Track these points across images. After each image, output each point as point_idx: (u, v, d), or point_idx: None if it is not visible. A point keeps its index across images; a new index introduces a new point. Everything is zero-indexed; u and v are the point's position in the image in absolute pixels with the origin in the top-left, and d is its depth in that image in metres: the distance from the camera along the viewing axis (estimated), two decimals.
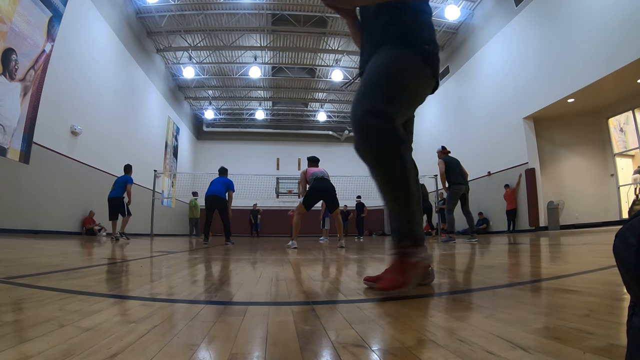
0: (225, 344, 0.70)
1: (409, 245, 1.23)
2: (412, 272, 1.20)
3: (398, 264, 1.23)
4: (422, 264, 1.25)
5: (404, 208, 1.25)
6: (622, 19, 6.80)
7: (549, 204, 9.27)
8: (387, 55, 1.29)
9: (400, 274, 1.20)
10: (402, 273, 1.20)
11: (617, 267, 0.45)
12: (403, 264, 1.22)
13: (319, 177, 5.61)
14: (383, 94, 1.26)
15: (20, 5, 6.43)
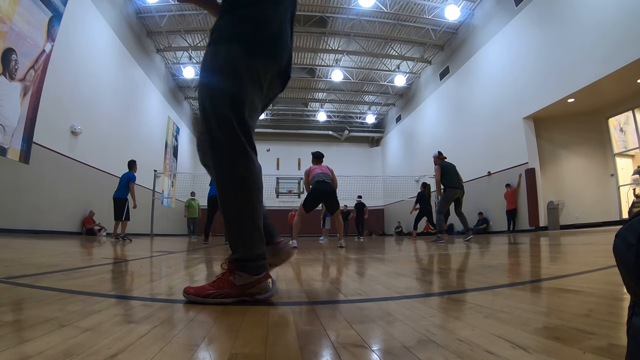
0: (225, 344, 0.70)
1: (236, 263, 1.14)
2: (226, 292, 1.10)
3: (219, 277, 1.15)
4: (244, 290, 1.12)
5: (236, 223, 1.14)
6: (622, 19, 6.80)
7: (549, 204, 9.27)
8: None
9: (213, 286, 1.12)
10: (216, 287, 1.11)
11: (617, 267, 0.45)
12: (223, 279, 1.13)
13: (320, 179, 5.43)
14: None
15: (20, 5, 6.42)
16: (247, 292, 1.11)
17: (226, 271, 1.15)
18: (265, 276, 1.15)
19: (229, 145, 1.11)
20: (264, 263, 1.16)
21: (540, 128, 9.75)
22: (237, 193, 1.12)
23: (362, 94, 18.48)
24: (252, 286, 1.12)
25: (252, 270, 1.12)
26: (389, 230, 19.09)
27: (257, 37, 1.18)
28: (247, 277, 1.11)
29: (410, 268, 2.25)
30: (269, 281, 1.15)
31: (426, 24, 12.56)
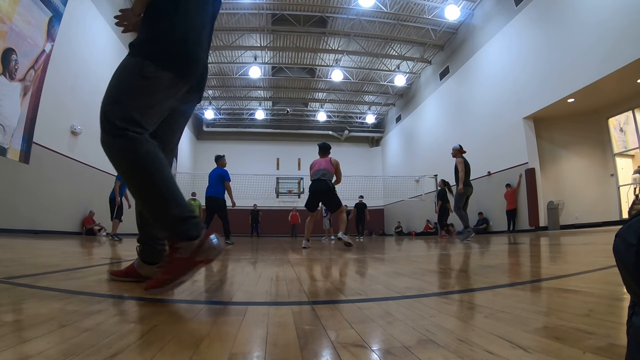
0: (225, 344, 0.70)
1: (172, 238, 1.15)
2: (179, 269, 1.11)
3: (166, 261, 1.16)
4: (194, 258, 1.13)
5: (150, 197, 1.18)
6: (622, 19, 6.80)
7: (549, 204, 9.27)
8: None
9: (166, 272, 1.13)
10: (168, 271, 1.12)
11: (617, 267, 0.45)
12: (170, 261, 1.14)
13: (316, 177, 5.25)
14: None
15: (20, 5, 6.42)
16: (197, 258, 1.12)
17: (170, 252, 1.15)
18: (206, 234, 1.15)
19: (111, 137, 1.18)
20: (197, 221, 1.17)
21: (540, 128, 9.75)
22: (136, 172, 1.17)
23: (362, 94, 18.49)
24: (198, 250, 1.12)
25: (190, 233, 1.13)
26: (389, 230, 19.09)
27: (169, 57, 1.27)
28: (189, 245, 1.12)
29: (410, 268, 2.25)
30: (211, 238, 1.15)
31: (426, 24, 12.56)
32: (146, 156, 1.17)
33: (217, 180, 6.56)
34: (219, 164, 6.75)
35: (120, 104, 1.21)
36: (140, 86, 1.23)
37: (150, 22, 1.30)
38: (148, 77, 1.24)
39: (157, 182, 1.17)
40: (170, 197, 1.17)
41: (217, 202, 6.49)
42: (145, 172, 1.17)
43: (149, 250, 1.53)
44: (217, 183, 6.55)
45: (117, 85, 1.25)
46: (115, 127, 1.17)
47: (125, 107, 1.20)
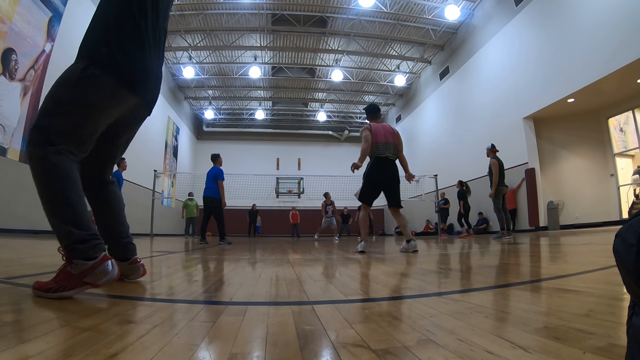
0: (225, 344, 0.70)
1: (65, 252, 1.14)
2: (65, 283, 1.08)
3: (59, 270, 1.14)
4: (82, 278, 1.10)
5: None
6: (622, 19, 6.80)
7: (548, 204, 9.27)
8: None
9: (53, 280, 1.10)
10: (55, 280, 1.10)
11: (617, 267, 0.45)
12: (61, 271, 1.12)
13: (386, 154, 3.87)
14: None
15: (20, 5, 6.42)
16: (86, 279, 1.10)
17: (64, 262, 1.14)
18: (103, 259, 1.14)
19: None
20: (97, 243, 1.16)
21: (540, 128, 9.75)
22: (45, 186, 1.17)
23: (362, 94, 18.48)
24: (89, 272, 1.11)
25: (85, 253, 1.12)
26: (389, 230, 19.10)
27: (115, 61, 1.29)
28: (83, 264, 1.10)
29: (410, 268, 2.25)
30: (107, 264, 1.14)
31: (426, 24, 12.56)
32: (56, 172, 1.16)
33: (213, 180, 6.55)
34: (216, 163, 6.75)
35: (53, 113, 1.19)
36: (77, 94, 1.22)
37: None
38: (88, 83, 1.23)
39: (63, 200, 1.17)
40: (73, 217, 1.16)
41: (213, 203, 6.47)
42: (53, 188, 1.16)
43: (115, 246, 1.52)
44: (213, 183, 6.54)
45: (53, 92, 1.24)
46: (38, 136, 1.16)
47: (57, 117, 1.19)
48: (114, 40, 1.29)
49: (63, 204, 1.17)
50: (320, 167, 19.14)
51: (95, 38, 1.31)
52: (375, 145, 3.88)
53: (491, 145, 7.09)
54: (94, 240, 1.16)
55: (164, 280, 1.75)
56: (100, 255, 1.15)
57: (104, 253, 1.17)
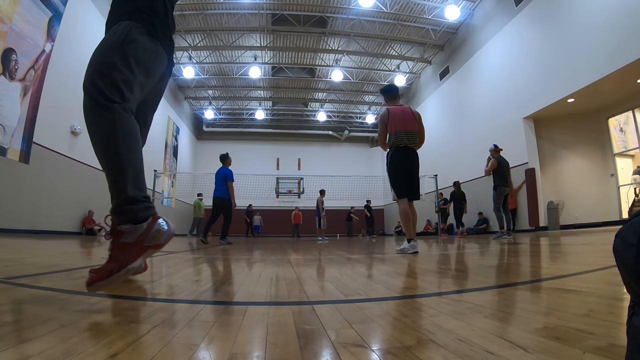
0: (225, 344, 0.70)
1: (116, 220, 1.08)
2: (125, 256, 1.01)
3: (110, 249, 1.06)
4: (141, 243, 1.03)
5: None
6: (622, 19, 6.81)
7: (549, 204, 9.27)
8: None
9: (110, 261, 1.02)
10: (113, 259, 1.02)
11: (617, 267, 0.45)
12: (115, 247, 1.05)
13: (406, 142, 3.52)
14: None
15: (20, 5, 6.43)
16: (146, 243, 1.03)
17: (114, 238, 1.07)
18: (155, 218, 1.09)
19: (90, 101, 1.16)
20: (149, 205, 1.11)
21: (540, 128, 9.76)
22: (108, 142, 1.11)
23: (362, 94, 18.49)
24: (146, 235, 1.04)
25: (136, 215, 1.05)
26: (389, 230, 19.10)
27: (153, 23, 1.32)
28: (136, 228, 1.04)
29: (410, 268, 2.25)
30: (160, 222, 1.08)
31: (426, 24, 12.57)
32: (123, 129, 1.12)
33: (222, 181, 6.54)
34: (225, 163, 6.73)
35: (107, 71, 1.16)
36: (127, 54, 1.20)
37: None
38: (136, 43, 1.22)
39: (125, 158, 1.12)
40: (133, 176, 1.12)
41: (225, 203, 6.48)
42: (117, 144, 1.11)
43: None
44: (222, 184, 6.53)
45: (104, 50, 1.21)
46: (100, 93, 1.12)
47: (112, 74, 1.16)
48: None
49: (125, 163, 1.12)
50: (320, 167, 19.15)
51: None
52: (395, 134, 3.52)
53: (494, 146, 7.05)
54: (146, 202, 1.12)
55: (164, 280, 1.75)
56: (151, 216, 1.09)
57: (154, 213, 1.11)
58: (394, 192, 3.57)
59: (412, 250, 3.36)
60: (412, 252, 3.33)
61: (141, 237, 1.03)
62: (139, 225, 1.04)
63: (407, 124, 3.56)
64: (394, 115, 3.56)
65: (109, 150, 1.11)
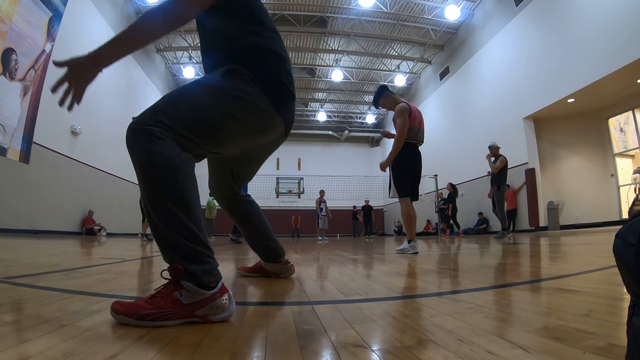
0: (226, 344, 0.70)
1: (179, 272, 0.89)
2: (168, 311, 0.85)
3: (157, 292, 0.89)
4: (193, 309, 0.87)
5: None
6: (622, 19, 6.80)
7: (549, 204, 9.26)
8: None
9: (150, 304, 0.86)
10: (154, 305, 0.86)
11: (617, 267, 0.45)
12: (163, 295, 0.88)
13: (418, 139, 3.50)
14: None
15: (20, 5, 6.43)
16: (197, 312, 0.88)
17: (169, 283, 0.91)
18: (222, 290, 0.93)
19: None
20: (216, 267, 0.96)
21: (540, 128, 9.75)
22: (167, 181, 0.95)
23: (362, 94, 18.49)
24: (204, 304, 0.88)
25: (200, 278, 0.90)
26: (389, 230, 19.10)
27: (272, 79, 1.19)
28: (198, 293, 0.88)
29: (410, 268, 2.25)
30: (224, 297, 0.92)
31: (426, 24, 12.56)
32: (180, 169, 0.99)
33: None
34: None
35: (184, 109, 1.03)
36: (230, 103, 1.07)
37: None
38: (242, 97, 1.08)
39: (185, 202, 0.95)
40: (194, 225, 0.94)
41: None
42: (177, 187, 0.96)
43: (262, 250, 1.66)
44: None
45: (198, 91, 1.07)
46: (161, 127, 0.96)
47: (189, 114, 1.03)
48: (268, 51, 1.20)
49: (186, 206, 0.94)
50: (320, 167, 19.15)
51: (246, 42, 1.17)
52: (410, 130, 3.41)
53: (494, 143, 6.90)
54: (212, 262, 0.95)
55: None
56: (218, 285, 0.93)
57: (222, 282, 0.96)
58: (397, 191, 3.47)
59: (412, 251, 3.33)
60: (412, 253, 3.31)
61: (198, 304, 0.88)
62: (203, 292, 0.89)
63: (420, 122, 3.52)
64: (413, 110, 3.48)
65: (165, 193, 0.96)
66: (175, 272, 0.89)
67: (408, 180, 3.43)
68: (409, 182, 3.43)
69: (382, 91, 3.72)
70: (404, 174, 3.44)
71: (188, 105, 1.04)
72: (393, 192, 3.52)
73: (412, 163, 3.44)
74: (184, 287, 0.89)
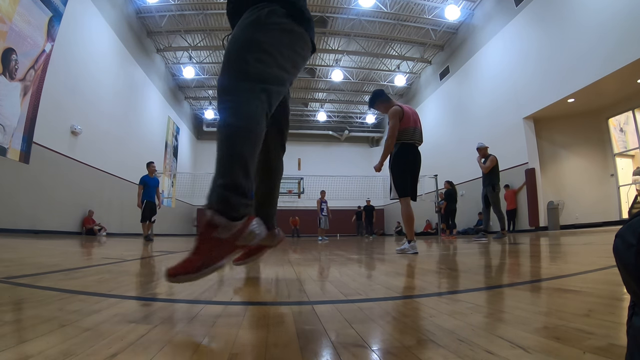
0: (225, 344, 0.70)
1: (213, 212, 0.97)
2: (215, 252, 0.93)
3: (199, 241, 0.96)
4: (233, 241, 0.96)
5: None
6: (622, 19, 6.81)
7: (549, 204, 9.26)
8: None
9: (197, 254, 0.93)
10: (201, 252, 0.93)
11: (617, 267, 0.45)
12: (204, 241, 0.95)
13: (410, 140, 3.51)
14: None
15: (20, 5, 6.43)
16: (237, 242, 0.97)
17: (204, 230, 0.97)
18: (250, 218, 1.02)
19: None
20: (249, 202, 1.03)
21: (541, 128, 9.76)
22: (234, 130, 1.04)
23: (362, 94, 18.49)
24: (239, 234, 0.97)
25: (236, 210, 0.97)
26: (389, 230, 19.10)
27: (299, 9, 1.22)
28: (231, 225, 0.96)
29: (410, 268, 2.25)
30: (254, 223, 1.02)
31: (426, 24, 12.56)
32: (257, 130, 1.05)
33: None
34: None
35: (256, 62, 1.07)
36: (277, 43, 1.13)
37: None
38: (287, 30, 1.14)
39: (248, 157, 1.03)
40: (246, 171, 1.02)
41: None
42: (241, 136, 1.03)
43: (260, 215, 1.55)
44: None
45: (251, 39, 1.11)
46: (246, 80, 1.04)
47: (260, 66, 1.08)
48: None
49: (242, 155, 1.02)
50: (320, 167, 19.15)
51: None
52: (405, 130, 3.47)
53: (481, 143, 6.87)
54: (247, 197, 1.03)
55: (164, 280, 1.75)
56: (248, 215, 1.02)
57: (251, 214, 1.05)
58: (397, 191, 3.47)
59: (412, 251, 3.34)
60: (412, 253, 3.31)
61: (235, 235, 0.97)
62: (235, 223, 0.97)
63: (416, 121, 3.56)
64: (407, 112, 3.54)
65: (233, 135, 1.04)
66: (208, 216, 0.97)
67: (407, 179, 3.43)
68: (409, 181, 3.44)
69: (376, 95, 3.77)
70: (403, 172, 3.45)
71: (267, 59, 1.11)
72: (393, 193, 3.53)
73: (409, 162, 3.46)
74: (218, 224, 0.95)
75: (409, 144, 3.48)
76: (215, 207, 0.97)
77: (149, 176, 7.29)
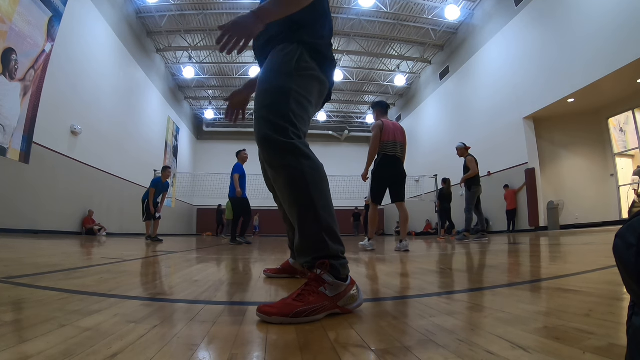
0: (225, 344, 0.70)
1: (322, 269, 0.99)
2: (317, 306, 0.93)
3: (305, 291, 0.97)
4: (335, 301, 0.96)
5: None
6: (622, 19, 6.80)
7: (549, 204, 9.26)
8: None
9: (301, 302, 0.93)
10: (305, 302, 0.93)
11: (617, 267, 0.45)
12: (310, 292, 0.96)
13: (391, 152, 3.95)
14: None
15: (20, 5, 6.42)
16: (339, 303, 0.98)
17: (311, 281, 0.99)
18: (352, 281, 1.04)
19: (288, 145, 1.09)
20: (347, 262, 1.05)
21: (540, 128, 9.75)
22: (314, 187, 1.05)
23: (362, 94, 18.49)
24: (343, 295, 0.98)
25: (339, 272, 1.00)
26: (389, 230, 19.10)
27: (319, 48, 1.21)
28: (339, 285, 0.98)
29: (410, 268, 2.25)
30: (354, 287, 1.02)
31: (426, 24, 12.56)
32: (319, 173, 1.06)
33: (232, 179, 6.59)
34: (238, 159, 6.72)
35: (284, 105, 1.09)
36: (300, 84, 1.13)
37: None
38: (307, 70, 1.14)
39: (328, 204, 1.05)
40: (333, 226, 1.04)
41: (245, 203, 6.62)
42: (322, 190, 1.05)
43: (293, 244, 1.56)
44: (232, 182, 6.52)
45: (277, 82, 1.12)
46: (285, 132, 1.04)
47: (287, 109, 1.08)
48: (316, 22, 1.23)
49: (328, 208, 1.04)
50: None
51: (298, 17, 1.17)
52: (384, 143, 3.94)
53: (462, 144, 6.63)
54: (344, 257, 1.04)
55: (164, 280, 1.75)
56: (349, 277, 1.03)
57: (349, 273, 1.05)
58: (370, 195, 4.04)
59: (370, 247, 3.95)
60: (370, 249, 3.87)
61: (339, 295, 0.98)
62: (341, 283, 0.99)
63: (397, 135, 4.01)
64: (387, 128, 3.99)
65: (313, 197, 1.03)
66: (323, 266, 0.99)
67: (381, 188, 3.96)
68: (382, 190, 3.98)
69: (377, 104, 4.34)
70: (380, 180, 3.97)
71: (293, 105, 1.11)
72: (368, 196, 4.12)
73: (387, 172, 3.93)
74: (326, 281, 0.98)
75: (390, 155, 3.93)
76: (328, 263, 1.00)
77: (162, 180, 7.35)
